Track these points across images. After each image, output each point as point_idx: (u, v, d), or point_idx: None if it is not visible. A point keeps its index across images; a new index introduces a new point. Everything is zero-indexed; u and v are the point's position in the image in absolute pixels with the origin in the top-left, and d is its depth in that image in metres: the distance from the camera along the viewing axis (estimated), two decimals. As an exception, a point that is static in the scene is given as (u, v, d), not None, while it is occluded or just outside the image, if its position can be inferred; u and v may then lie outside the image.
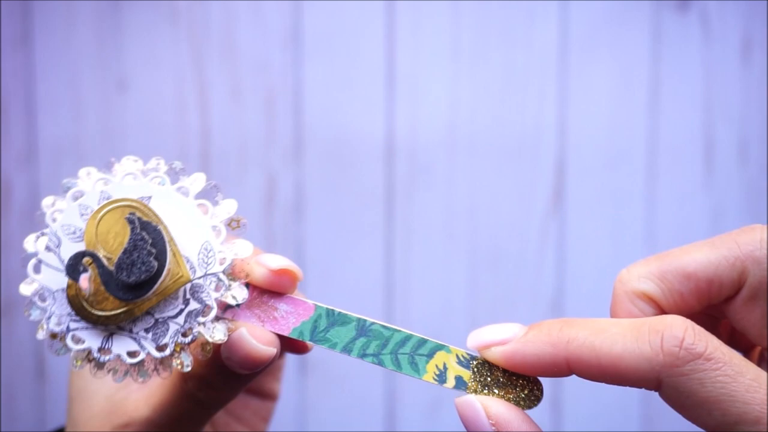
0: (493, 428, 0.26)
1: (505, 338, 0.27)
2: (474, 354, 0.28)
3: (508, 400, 0.27)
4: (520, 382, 0.28)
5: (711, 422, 0.24)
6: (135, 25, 0.78)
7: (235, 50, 0.78)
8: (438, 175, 0.79)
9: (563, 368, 0.26)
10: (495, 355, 0.27)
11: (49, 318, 0.29)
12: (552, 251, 0.80)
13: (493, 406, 0.27)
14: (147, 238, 0.28)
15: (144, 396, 0.33)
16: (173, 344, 0.28)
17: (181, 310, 0.28)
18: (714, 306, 0.28)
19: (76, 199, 0.29)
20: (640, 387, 0.25)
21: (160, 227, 0.28)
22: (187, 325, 0.28)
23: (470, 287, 0.80)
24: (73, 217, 0.29)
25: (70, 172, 0.30)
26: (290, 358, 0.79)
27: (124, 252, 0.28)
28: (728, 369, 0.23)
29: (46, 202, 0.29)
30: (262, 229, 0.79)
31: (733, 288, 0.27)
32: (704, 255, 0.27)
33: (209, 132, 0.79)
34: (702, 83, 0.80)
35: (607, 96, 0.80)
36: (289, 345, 0.33)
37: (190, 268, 0.29)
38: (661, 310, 0.27)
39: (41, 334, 0.29)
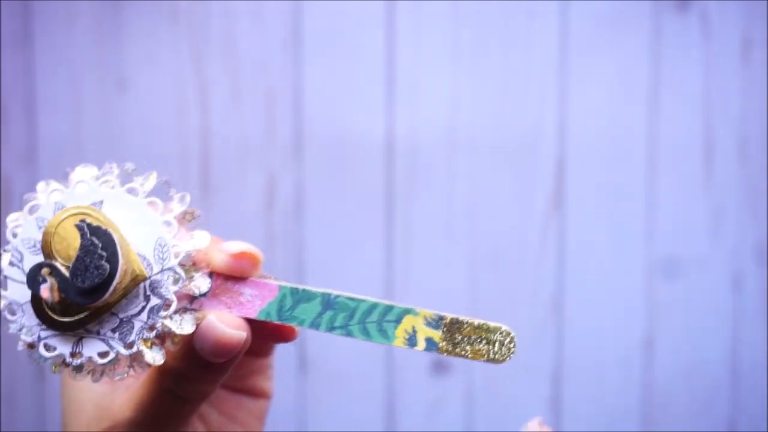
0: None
1: None
2: (442, 314, 0.29)
3: (481, 355, 0.28)
4: (492, 337, 0.28)
5: None
6: (135, 25, 0.78)
7: (235, 50, 0.78)
8: (438, 175, 0.79)
9: None
10: None
11: (21, 330, 0.30)
12: (552, 251, 0.80)
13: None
14: (97, 243, 0.28)
15: (127, 397, 0.33)
16: (139, 340, 0.29)
17: (143, 307, 0.29)
18: None
19: (33, 212, 0.30)
20: None
21: (110, 230, 0.29)
22: (150, 321, 0.29)
23: (470, 287, 0.80)
24: (31, 230, 0.30)
25: (70, 172, 0.31)
26: (290, 359, 0.79)
27: (77, 259, 0.28)
28: None
29: (10, 218, 0.30)
30: (262, 230, 0.79)
31: None
32: None
33: (209, 132, 0.79)
34: (702, 83, 0.80)
35: (607, 96, 0.80)
36: (274, 334, 0.33)
37: (147, 266, 0.29)
38: None
39: (20, 346, 0.30)
